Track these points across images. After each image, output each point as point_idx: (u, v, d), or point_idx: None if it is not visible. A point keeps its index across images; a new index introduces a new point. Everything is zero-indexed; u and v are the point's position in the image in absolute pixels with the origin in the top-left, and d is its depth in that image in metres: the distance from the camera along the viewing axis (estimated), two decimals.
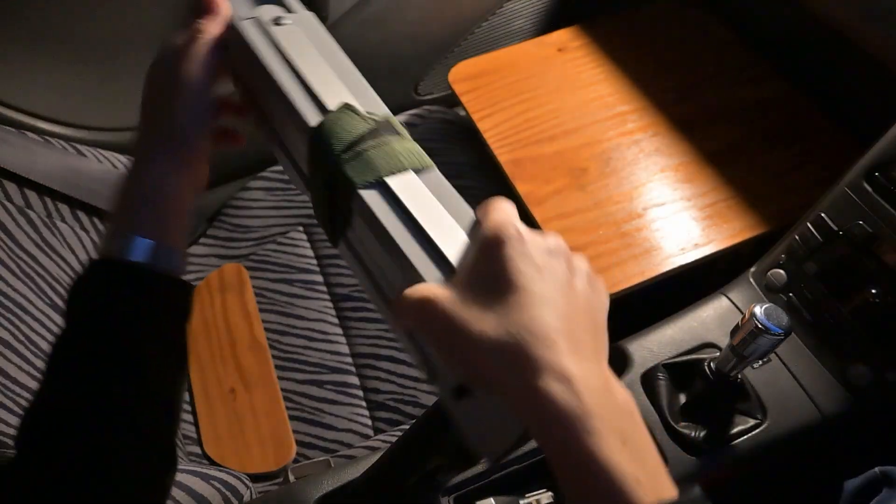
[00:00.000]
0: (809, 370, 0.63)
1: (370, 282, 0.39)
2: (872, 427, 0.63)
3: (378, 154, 0.37)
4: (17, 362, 0.60)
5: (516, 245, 0.31)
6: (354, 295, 0.89)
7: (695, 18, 1.05)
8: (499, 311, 0.30)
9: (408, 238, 0.35)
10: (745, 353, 0.55)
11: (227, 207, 0.99)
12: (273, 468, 0.78)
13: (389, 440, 0.77)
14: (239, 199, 0.99)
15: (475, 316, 0.30)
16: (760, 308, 0.53)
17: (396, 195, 0.36)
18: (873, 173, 0.65)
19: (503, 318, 0.29)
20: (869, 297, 0.62)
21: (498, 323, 0.29)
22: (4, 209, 0.69)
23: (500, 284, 0.30)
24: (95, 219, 0.80)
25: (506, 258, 0.31)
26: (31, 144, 0.75)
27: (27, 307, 0.65)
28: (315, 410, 0.81)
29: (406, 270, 0.34)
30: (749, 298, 0.69)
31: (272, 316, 0.89)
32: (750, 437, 0.60)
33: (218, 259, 0.96)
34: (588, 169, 0.87)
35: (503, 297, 0.30)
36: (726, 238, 0.80)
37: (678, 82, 0.96)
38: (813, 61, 0.96)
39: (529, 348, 0.29)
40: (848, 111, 0.91)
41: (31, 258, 0.69)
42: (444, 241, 0.35)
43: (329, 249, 0.94)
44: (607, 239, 0.81)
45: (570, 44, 1.02)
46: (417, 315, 0.31)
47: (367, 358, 0.84)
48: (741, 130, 0.91)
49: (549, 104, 0.94)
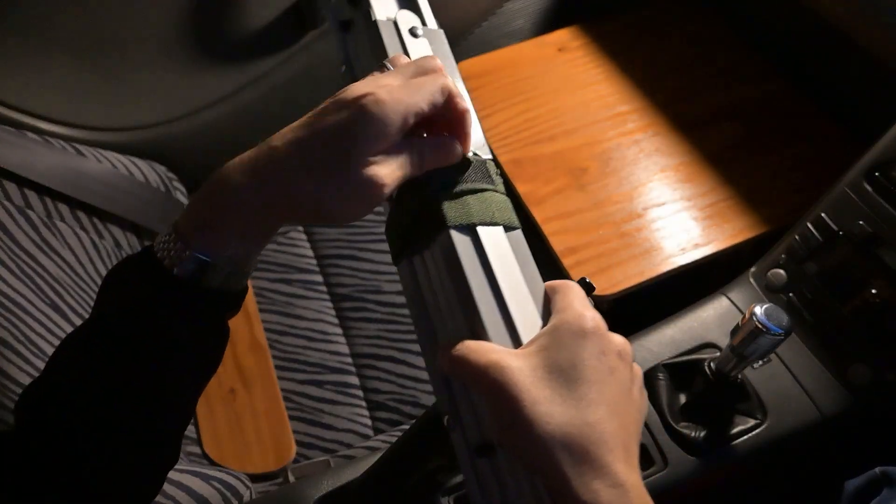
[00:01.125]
0: (809, 370, 0.63)
1: (421, 314, 0.39)
2: (872, 427, 0.63)
3: (477, 201, 0.38)
4: (16, 362, 0.60)
5: (596, 341, 0.32)
6: (354, 295, 0.89)
7: (695, 18, 1.05)
8: (569, 401, 0.30)
9: (486, 293, 0.35)
10: (745, 353, 0.55)
11: None
12: (273, 468, 0.78)
13: (389, 440, 0.77)
14: None
15: (545, 398, 0.30)
16: (760, 308, 0.53)
17: (483, 247, 0.37)
18: (873, 173, 0.65)
19: (573, 410, 0.30)
20: (869, 297, 0.62)
21: (567, 413, 0.30)
22: (4, 209, 0.69)
23: (574, 375, 0.31)
24: (95, 219, 0.80)
25: (584, 351, 0.32)
26: (30, 144, 0.75)
27: (27, 307, 0.65)
28: (315, 410, 0.81)
29: (474, 324, 0.34)
30: (749, 298, 0.69)
31: (272, 316, 0.89)
32: (750, 437, 0.60)
33: None
34: (588, 169, 0.87)
35: (575, 390, 0.31)
36: (726, 238, 0.80)
37: (678, 82, 0.96)
38: (813, 61, 0.96)
39: (593, 448, 0.29)
40: (848, 111, 0.90)
41: (31, 258, 0.69)
42: (517, 308, 0.35)
43: (329, 249, 0.94)
44: (607, 239, 0.81)
45: (570, 44, 1.02)
46: (482, 375, 0.31)
47: (367, 358, 0.84)
48: (741, 130, 0.91)
49: (549, 104, 0.94)
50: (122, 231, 0.84)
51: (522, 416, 0.30)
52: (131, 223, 0.85)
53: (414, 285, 0.40)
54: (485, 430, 0.33)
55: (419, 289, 0.39)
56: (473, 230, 0.37)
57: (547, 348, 0.32)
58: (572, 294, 0.35)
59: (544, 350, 0.32)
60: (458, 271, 0.36)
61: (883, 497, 0.53)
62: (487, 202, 0.38)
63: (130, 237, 0.86)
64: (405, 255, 0.40)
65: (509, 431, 0.30)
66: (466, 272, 0.36)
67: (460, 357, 0.32)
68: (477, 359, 0.32)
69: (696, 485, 0.59)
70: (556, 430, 0.29)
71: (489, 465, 0.33)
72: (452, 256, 0.36)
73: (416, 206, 0.38)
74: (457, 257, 0.36)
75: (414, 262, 0.40)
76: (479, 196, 0.38)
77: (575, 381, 0.31)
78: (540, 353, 0.32)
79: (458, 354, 0.33)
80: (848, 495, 0.56)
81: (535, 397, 0.30)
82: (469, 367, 0.32)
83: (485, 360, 0.31)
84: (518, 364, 0.31)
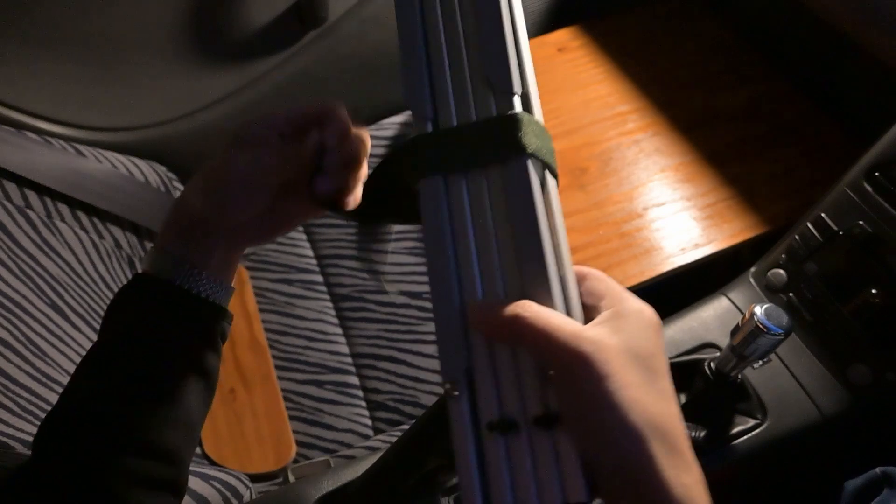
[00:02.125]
0: (809, 370, 0.63)
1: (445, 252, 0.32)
2: (872, 427, 0.63)
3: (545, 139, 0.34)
4: (16, 362, 0.60)
5: (663, 337, 0.32)
6: (354, 295, 0.89)
7: (695, 18, 1.05)
8: (653, 391, 0.29)
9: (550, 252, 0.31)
10: (745, 353, 0.55)
11: None
12: (273, 468, 0.78)
13: (389, 440, 0.77)
14: None
15: (635, 383, 0.28)
16: (760, 308, 0.53)
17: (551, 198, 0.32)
18: (873, 173, 0.65)
19: (661, 401, 0.29)
20: (869, 297, 0.62)
21: (658, 403, 0.28)
22: (4, 209, 0.69)
23: (653, 366, 0.30)
24: (95, 219, 0.80)
25: (659, 343, 0.31)
26: (30, 144, 0.75)
27: (27, 307, 0.65)
28: (315, 410, 0.81)
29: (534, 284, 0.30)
30: (749, 298, 0.69)
31: (272, 316, 0.89)
32: (750, 437, 0.60)
33: None
34: (588, 169, 0.87)
35: (656, 381, 0.29)
36: (726, 238, 0.80)
37: (678, 82, 0.96)
38: (813, 61, 0.96)
39: (680, 442, 0.28)
40: (848, 111, 0.91)
41: (31, 258, 0.69)
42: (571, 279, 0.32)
43: (329, 249, 0.94)
44: (607, 239, 0.81)
45: (570, 44, 1.02)
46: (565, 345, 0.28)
47: (367, 358, 0.84)
48: (741, 130, 0.91)
49: (549, 104, 0.94)
50: (122, 231, 0.84)
51: (617, 397, 0.27)
52: (131, 223, 0.85)
53: (444, 212, 0.33)
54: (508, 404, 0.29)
55: (451, 219, 0.33)
56: (544, 171, 0.32)
57: (623, 332, 0.30)
58: (614, 283, 0.33)
59: (622, 333, 0.30)
60: (531, 215, 0.31)
61: (883, 497, 0.53)
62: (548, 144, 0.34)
63: (130, 237, 0.86)
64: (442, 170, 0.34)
65: (594, 412, 0.27)
66: (539, 220, 0.31)
67: (531, 319, 0.29)
68: (559, 325, 0.28)
69: None
70: (651, 419, 0.27)
71: (502, 445, 0.29)
72: (525, 194, 0.31)
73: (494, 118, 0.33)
74: (531, 197, 0.31)
75: (452, 182, 0.33)
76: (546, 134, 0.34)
77: (655, 373, 0.29)
78: (618, 334, 0.29)
79: (528, 316, 0.29)
80: (848, 495, 0.56)
81: (628, 380, 0.28)
82: (545, 334, 0.28)
83: (570, 330, 0.28)
84: (607, 341, 0.28)
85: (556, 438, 0.28)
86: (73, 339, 0.69)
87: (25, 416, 0.57)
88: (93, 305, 0.74)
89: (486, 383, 0.30)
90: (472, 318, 0.31)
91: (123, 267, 0.83)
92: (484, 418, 0.30)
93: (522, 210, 0.31)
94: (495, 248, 0.31)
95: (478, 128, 0.33)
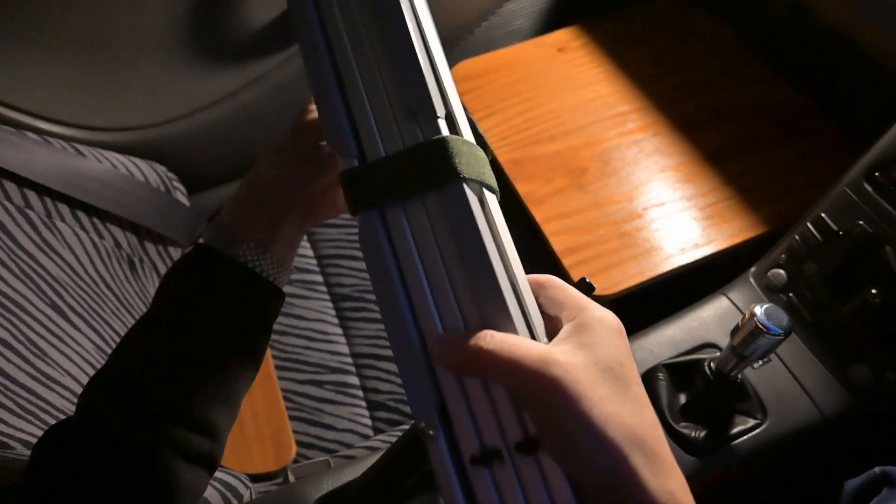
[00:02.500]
0: (809, 370, 0.63)
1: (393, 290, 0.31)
2: (872, 427, 0.63)
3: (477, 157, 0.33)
4: (16, 362, 0.60)
5: (626, 341, 0.31)
6: (354, 295, 0.89)
7: (695, 18, 1.05)
8: (627, 401, 0.28)
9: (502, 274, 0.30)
10: (745, 353, 0.55)
11: None
12: (273, 468, 0.78)
13: (389, 440, 0.77)
14: None
15: (607, 398, 0.28)
16: (760, 308, 0.53)
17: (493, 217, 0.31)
18: (873, 173, 0.65)
19: (636, 411, 0.28)
20: (869, 297, 0.62)
21: (632, 413, 0.28)
22: (4, 209, 0.69)
23: (622, 374, 0.29)
24: (95, 219, 0.80)
25: (624, 350, 0.30)
26: (30, 144, 0.75)
27: (27, 307, 0.65)
28: (315, 410, 0.81)
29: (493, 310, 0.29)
30: (749, 298, 0.69)
31: None
32: (750, 437, 0.60)
33: None
34: (588, 169, 0.87)
35: (627, 389, 0.29)
36: (726, 238, 0.80)
37: (678, 82, 0.96)
38: (813, 61, 0.96)
39: (660, 448, 0.28)
40: (848, 111, 0.91)
41: (31, 258, 0.69)
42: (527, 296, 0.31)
43: (329, 249, 0.94)
44: (607, 239, 0.81)
45: (570, 44, 1.02)
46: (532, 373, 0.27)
47: (367, 358, 0.84)
48: (741, 130, 0.91)
49: (549, 104, 0.94)
50: (122, 231, 0.84)
51: (591, 416, 0.27)
52: (131, 223, 0.85)
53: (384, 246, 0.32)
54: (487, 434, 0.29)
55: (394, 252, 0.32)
56: (482, 191, 0.32)
57: (589, 346, 0.29)
58: (572, 290, 0.33)
59: (588, 348, 0.29)
60: (476, 239, 0.30)
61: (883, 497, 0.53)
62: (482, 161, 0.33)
63: (130, 237, 0.86)
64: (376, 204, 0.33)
65: (570, 434, 0.27)
66: (485, 243, 0.30)
67: (495, 351, 0.28)
68: (524, 353, 0.28)
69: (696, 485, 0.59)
70: (628, 431, 0.27)
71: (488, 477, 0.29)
72: (466, 218, 0.30)
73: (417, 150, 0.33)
74: (473, 220, 0.30)
75: (391, 215, 0.32)
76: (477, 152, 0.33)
77: (624, 381, 0.29)
78: (584, 349, 0.29)
79: (491, 348, 0.28)
80: (848, 495, 0.56)
81: (600, 396, 0.27)
82: (511, 364, 0.28)
83: (535, 355, 0.28)
84: (574, 360, 0.28)
85: (540, 461, 0.28)
86: (73, 339, 0.69)
87: (25, 416, 0.57)
88: (93, 305, 0.74)
89: (462, 418, 0.30)
90: (434, 354, 0.30)
91: (123, 267, 0.83)
92: (466, 453, 0.29)
93: (466, 235, 0.30)
94: (446, 277, 0.31)
95: (406, 156, 0.33)
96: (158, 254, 0.90)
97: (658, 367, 0.64)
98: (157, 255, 0.90)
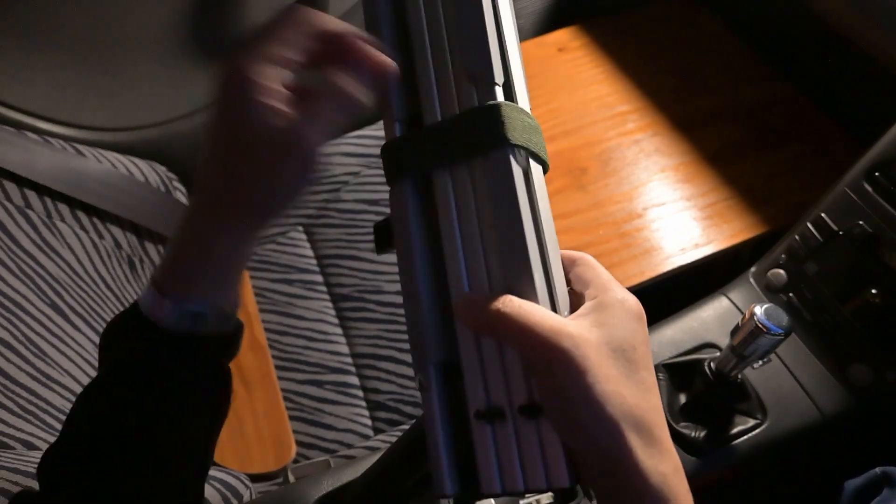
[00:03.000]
0: (809, 370, 0.63)
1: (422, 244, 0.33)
2: (872, 427, 0.63)
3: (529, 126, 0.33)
4: (16, 362, 0.60)
5: (645, 327, 0.32)
6: (354, 295, 0.89)
7: (695, 18, 1.05)
8: (632, 383, 0.29)
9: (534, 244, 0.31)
10: (745, 353, 0.55)
11: None
12: (273, 468, 0.78)
13: (389, 440, 0.77)
14: None
15: (613, 377, 0.29)
16: (760, 308, 0.53)
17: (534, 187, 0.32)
18: (873, 173, 0.65)
19: (640, 393, 0.29)
20: (869, 297, 0.62)
21: (636, 394, 0.29)
22: (4, 209, 0.69)
23: (633, 357, 0.30)
24: (95, 219, 0.80)
25: (640, 335, 0.31)
26: (30, 144, 0.75)
27: (27, 307, 0.65)
28: (315, 410, 0.81)
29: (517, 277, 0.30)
30: (749, 298, 0.69)
31: (272, 316, 0.89)
32: (750, 437, 0.60)
33: None
34: (588, 169, 0.87)
35: (636, 372, 0.30)
36: (726, 238, 0.80)
37: (678, 82, 0.96)
38: (813, 61, 0.96)
39: (658, 431, 0.29)
40: (848, 111, 0.91)
41: (31, 258, 0.69)
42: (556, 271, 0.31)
43: (329, 249, 0.94)
44: (607, 239, 0.81)
45: (570, 44, 1.02)
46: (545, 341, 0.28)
47: (367, 358, 0.84)
48: (741, 130, 0.91)
49: (548, 104, 0.94)
50: (122, 231, 0.84)
51: (594, 391, 0.28)
52: (131, 223, 0.85)
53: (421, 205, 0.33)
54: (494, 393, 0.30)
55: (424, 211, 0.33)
56: (527, 160, 0.32)
57: (605, 325, 0.30)
58: (603, 270, 0.34)
59: (603, 326, 0.30)
60: (513, 208, 0.31)
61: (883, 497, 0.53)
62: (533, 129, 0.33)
63: (130, 237, 0.86)
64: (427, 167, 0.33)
65: (572, 405, 0.28)
66: (522, 212, 0.31)
67: (512, 315, 0.29)
68: (538, 321, 0.29)
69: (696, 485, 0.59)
70: (628, 411, 0.28)
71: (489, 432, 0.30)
72: (507, 185, 0.31)
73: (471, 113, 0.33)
74: (513, 188, 0.31)
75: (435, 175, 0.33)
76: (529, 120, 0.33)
77: (634, 364, 0.30)
78: (600, 328, 0.30)
79: (509, 312, 0.29)
80: (848, 495, 0.56)
81: (606, 374, 0.28)
82: (525, 330, 0.29)
83: (549, 325, 0.28)
84: (587, 336, 0.29)
85: (541, 427, 0.29)
86: (73, 339, 0.69)
87: (25, 416, 0.57)
88: (93, 305, 0.74)
89: (474, 374, 0.31)
90: (457, 311, 0.31)
91: (123, 267, 0.83)
92: (472, 407, 0.30)
93: (505, 202, 0.31)
94: (480, 242, 0.32)
95: (457, 121, 0.33)
96: (158, 254, 0.90)
97: (658, 367, 0.64)
98: (157, 255, 0.90)
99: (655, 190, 0.85)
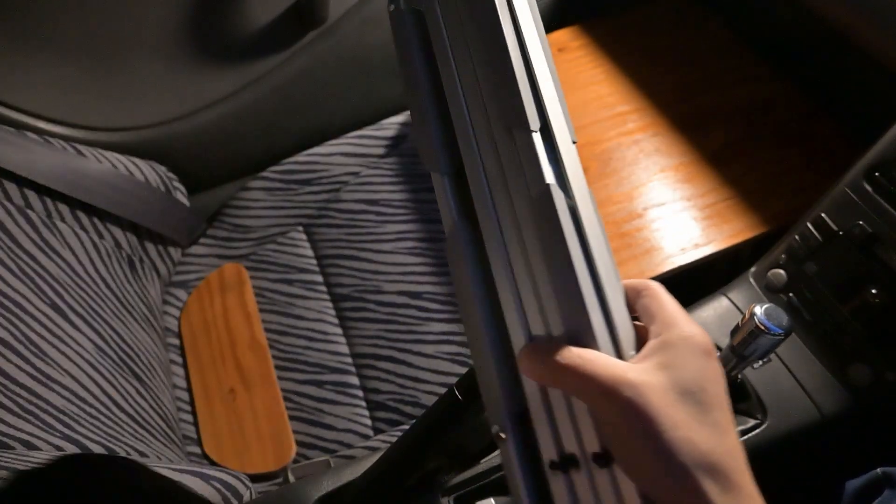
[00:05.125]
0: (809, 370, 0.63)
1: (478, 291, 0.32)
2: (873, 427, 0.63)
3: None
4: (16, 362, 0.60)
5: (717, 364, 0.30)
6: (354, 295, 0.89)
7: (695, 18, 1.05)
8: (705, 426, 0.28)
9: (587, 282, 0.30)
10: (745, 354, 0.55)
11: (227, 207, 0.99)
12: (273, 468, 0.78)
13: (389, 440, 0.77)
14: (239, 199, 0.99)
15: (683, 422, 0.28)
16: (760, 308, 0.53)
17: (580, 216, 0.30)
18: (873, 173, 0.65)
19: (714, 437, 0.28)
20: (869, 297, 0.62)
21: (710, 439, 0.28)
22: (4, 209, 0.69)
23: (704, 399, 0.29)
24: (95, 219, 0.81)
25: (710, 373, 0.30)
26: (30, 144, 0.75)
27: (27, 307, 0.65)
28: (315, 410, 0.81)
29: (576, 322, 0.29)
30: (749, 298, 0.69)
31: (272, 316, 0.89)
32: (750, 437, 0.60)
33: (218, 259, 0.96)
34: (588, 169, 0.87)
35: (708, 414, 0.28)
36: (726, 238, 0.80)
37: (678, 82, 0.96)
38: (813, 61, 0.96)
39: (737, 476, 0.28)
40: (848, 111, 0.90)
41: (31, 258, 0.69)
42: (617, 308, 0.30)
43: (329, 249, 0.94)
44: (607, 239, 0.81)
45: (570, 44, 1.02)
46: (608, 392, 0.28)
47: (367, 358, 0.84)
48: (741, 130, 0.90)
49: None
50: (122, 231, 0.84)
51: (663, 440, 0.27)
52: (131, 223, 0.85)
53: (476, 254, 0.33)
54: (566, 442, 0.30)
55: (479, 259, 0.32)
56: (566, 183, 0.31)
57: (670, 367, 0.29)
58: (670, 301, 0.32)
59: (668, 368, 0.29)
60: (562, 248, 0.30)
61: (884, 498, 0.53)
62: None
63: (130, 237, 0.86)
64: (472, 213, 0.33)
65: (640, 456, 0.27)
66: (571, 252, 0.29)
67: (571, 367, 0.29)
68: (598, 372, 0.28)
69: None
70: (701, 458, 0.27)
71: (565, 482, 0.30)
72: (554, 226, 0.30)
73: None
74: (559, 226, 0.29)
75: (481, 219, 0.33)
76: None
77: (706, 405, 0.28)
78: (664, 370, 0.29)
79: (567, 364, 0.29)
80: (848, 496, 0.56)
81: (674, 421, 0.27)
82: (585, 380, 0.28)
83: (609, 374, 0.28)
84: (650, 381, 0.28)
85: (615, 473, 0.29)
86: (73, 339, 0.69)
87: (25, 416, 0.57)
88: (93, 305, 0.74)
89: (543, 424, 0.31)
90: (520, 366, 0.31)
91: (123, 267, 0.83)
92: (545, 458, 0.30)
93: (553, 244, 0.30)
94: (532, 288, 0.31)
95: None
96: (158, 254, 0.91)
97: None
98: (157, 255, 0.90)
99: (655, 190, 0.85)
